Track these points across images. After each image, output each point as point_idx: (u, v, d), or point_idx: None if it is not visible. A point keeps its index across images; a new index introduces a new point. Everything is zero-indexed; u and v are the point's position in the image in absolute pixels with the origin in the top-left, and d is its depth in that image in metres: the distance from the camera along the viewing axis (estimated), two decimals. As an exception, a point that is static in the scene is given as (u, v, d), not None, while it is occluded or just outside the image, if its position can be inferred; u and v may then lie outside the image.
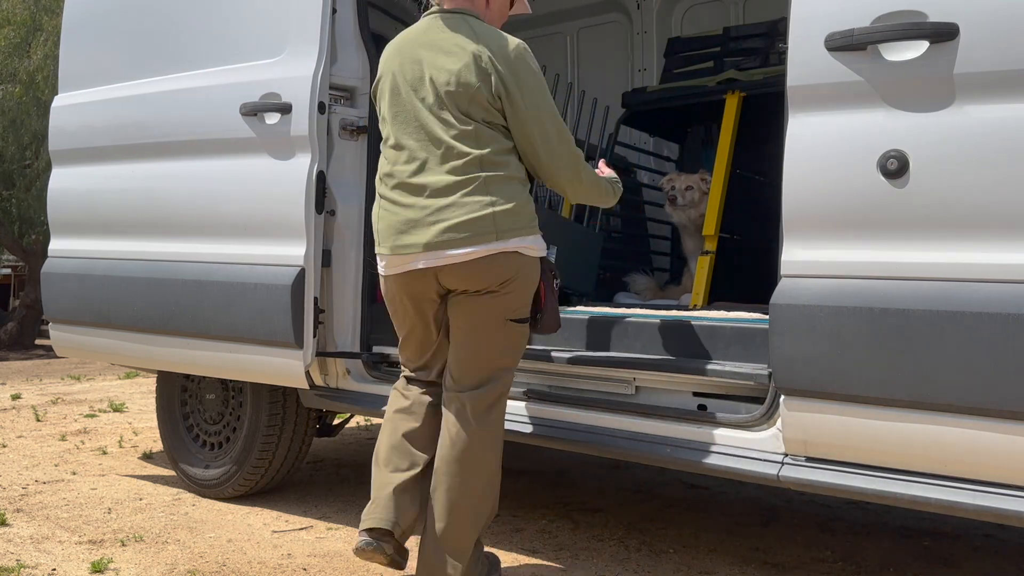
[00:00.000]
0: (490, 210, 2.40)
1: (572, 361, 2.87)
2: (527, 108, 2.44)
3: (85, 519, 3.55)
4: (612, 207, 2.87)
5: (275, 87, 3.29)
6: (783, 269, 2.32)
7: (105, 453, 4.89)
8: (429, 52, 2.51)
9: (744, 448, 2.46)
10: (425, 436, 2.64)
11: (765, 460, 2.41)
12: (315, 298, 3.22)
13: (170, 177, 3.64)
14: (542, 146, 2.47)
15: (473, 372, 2.55)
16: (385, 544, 2.55)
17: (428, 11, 2.65)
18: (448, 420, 2.56)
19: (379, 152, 2.63)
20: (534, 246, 2.49)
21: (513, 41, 2.47)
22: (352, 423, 5.70)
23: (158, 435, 4.77)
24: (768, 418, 2.42)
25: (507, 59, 2.43)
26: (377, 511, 2.59)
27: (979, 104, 2.06)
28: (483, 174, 2.41)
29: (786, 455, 2.37)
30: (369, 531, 2.57)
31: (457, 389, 2.57)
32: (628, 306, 3.48)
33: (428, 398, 2.69)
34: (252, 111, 3.32)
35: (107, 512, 3.65)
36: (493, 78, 2.42)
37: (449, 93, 2.44)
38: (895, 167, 2.13)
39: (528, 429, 2.88)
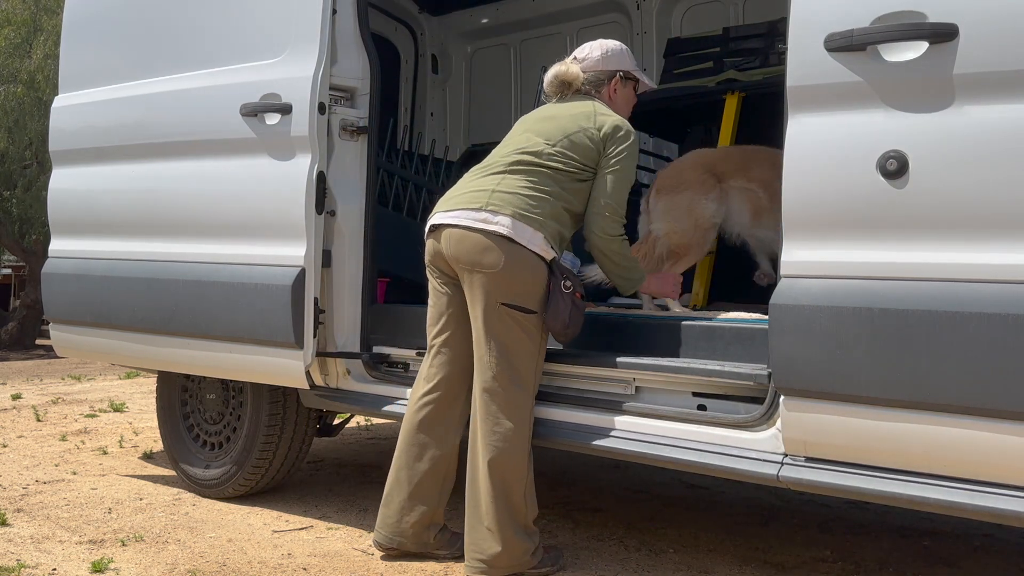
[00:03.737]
0: None
1: (572, 361, 2.88)
2: (613, 159, 2.85)
3: (85, 519, 3.55)
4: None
5: (275, 88, 3.29)
6: (783, 269, 2.32)
7: (105, 453, 4.89)
8: None
9: (744, 448, 2.46)
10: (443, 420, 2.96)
11: (765, 460, 2.41)
12: (315, 298, 3.22)
13: (170, 177, 3.65)
14: (606, 190, 2.84)
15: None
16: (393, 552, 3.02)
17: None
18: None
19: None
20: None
21: (621, 120, 2.91)
22: (352, 423, 5.70)
23: (158, 435, 4.77)
24: (768, 418, 2.42)
25: (617, 125, 2.87)
26: (381, 527, 3.00)
27: (979, 104, 2.06)
28: None
29: (786, 455, 2.37)
30: (378, 545, 3.04)
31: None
32: (625, 307, 3.48)
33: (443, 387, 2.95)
34: (252, 112, 3.33)
35: (107, 512, 3.65)
36: (595, 131, 2.86)
37: None
38: (895, 167, 2.14)
39: (528, 429, 2.88)
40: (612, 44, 3.07)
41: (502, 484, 2.74)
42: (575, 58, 3.05)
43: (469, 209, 2.75)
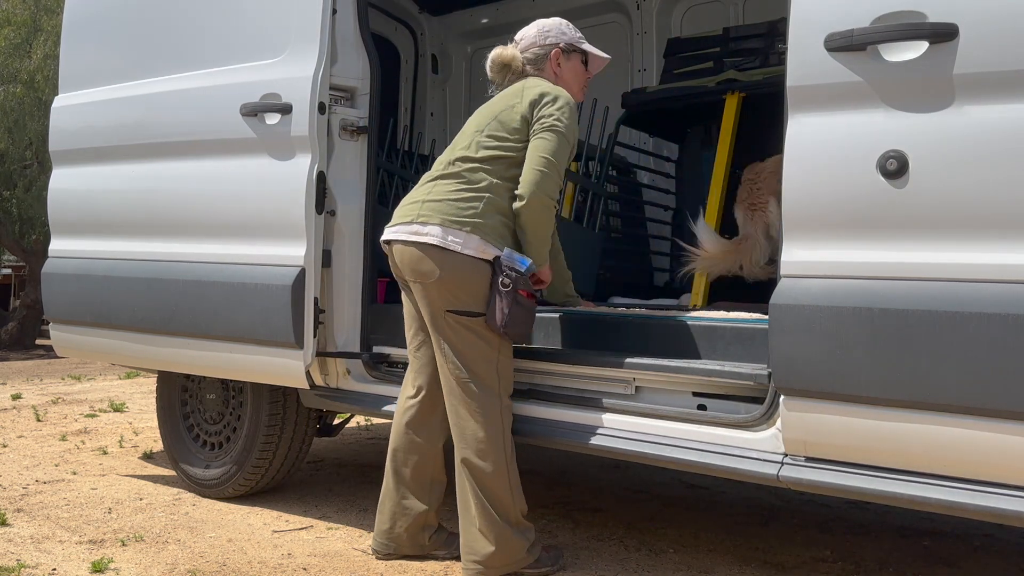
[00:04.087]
0: None
1: (572, 361, 2.88)
2: (542, 122, 2.75)
3: (85, 519, 3.55)
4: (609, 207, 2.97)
5: (275, 87, 3.29)
6: (783, 269, 2.32)
7: (105, 453, 4.89)
8: None
9: (744, 448, 2.46)
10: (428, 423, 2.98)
11: (765, 460, 2.41)
12: (315, 298, 3.22)
13: (170, 177, 3.65)
14: (542, 155, 2.74)
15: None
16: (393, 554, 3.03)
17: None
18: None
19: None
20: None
21: (551, 86, 2.83)
22: (352, 423, 5.70)
23: (158, 435, 4.78)
24: (768, 418, 2.42)
25: (544, 91, 2.78)
26: (376, 535, 3.02)
27: (979, 104, 2.06)
28: None
29: (786, 455, 2.37)
30: (375, 552, 3.05)
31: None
32: (625, 307, 3.48)
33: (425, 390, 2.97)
34: (252, 111, 3.33)
35: (107, 512, 3.65)
36: (524, 105, 2.79)
37: None
38: (895, 167, 2.14)
39: (528, 429, 2.88)
40: (549, 20, 2.99)
41: (482, 485, 2.75)
42: (515, 42, 2.97)
43: (403, 223, 2.77)
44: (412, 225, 2.75)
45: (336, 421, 4.01)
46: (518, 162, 2.75)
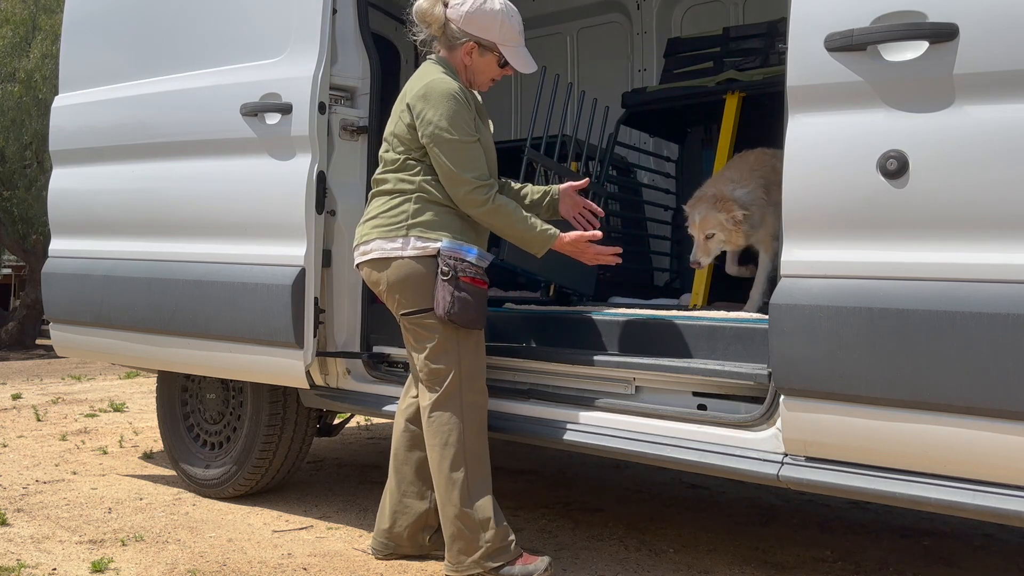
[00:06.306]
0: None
1: (572, 361, 2.88)
2: (422, 135, 2.72)
3: (85, 519, 3.55)
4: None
5: (275, 87, 3.29)
6: (783, 269, 2.32)
7: (105, 453, 4.89)
8: None
9: (744, 448, 2.46)
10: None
11: (765, 460, 2.41)
12: (315, 298, 3.22)
13: (171, 177, 3.65)
14: (438, 170, 2.73)
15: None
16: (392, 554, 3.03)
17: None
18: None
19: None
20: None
21: (429, 78, 2.75)
22: (352, 423, 5.70)
23: (158, 435, 4.78)
24: (768, 418, 2.42)
25: (417, 94, 2.74)
26: (376, 534, 3.04)
27: (979, 104, 2.06)
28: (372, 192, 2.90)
29: (786, 455, 2.37)
30: (375, 552, 3.05)
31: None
32: (625, 307, 3.48)
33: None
34: (252, 111, 3.33)
35: (107, 512, 3.65)
36: (406, 110, 2.77)
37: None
38: (895, 167, 2.14)
39: (528, 429, 2.88)
40: (492, 3, 2.76)
41: (445, 482, 2.75)
42: (446, 2, 2.81)
43: (355, 248, 2.87)
44: (359, 247, 2.84)
45: (336, 421, 4.02)
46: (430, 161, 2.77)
